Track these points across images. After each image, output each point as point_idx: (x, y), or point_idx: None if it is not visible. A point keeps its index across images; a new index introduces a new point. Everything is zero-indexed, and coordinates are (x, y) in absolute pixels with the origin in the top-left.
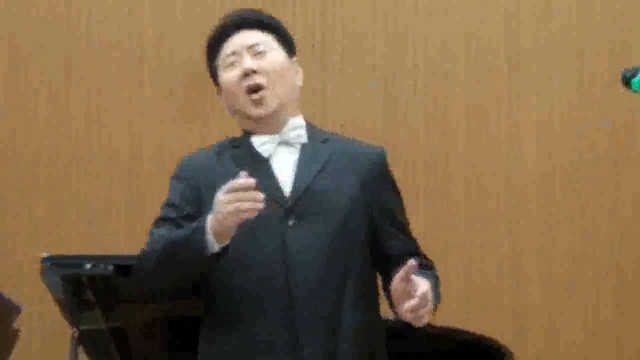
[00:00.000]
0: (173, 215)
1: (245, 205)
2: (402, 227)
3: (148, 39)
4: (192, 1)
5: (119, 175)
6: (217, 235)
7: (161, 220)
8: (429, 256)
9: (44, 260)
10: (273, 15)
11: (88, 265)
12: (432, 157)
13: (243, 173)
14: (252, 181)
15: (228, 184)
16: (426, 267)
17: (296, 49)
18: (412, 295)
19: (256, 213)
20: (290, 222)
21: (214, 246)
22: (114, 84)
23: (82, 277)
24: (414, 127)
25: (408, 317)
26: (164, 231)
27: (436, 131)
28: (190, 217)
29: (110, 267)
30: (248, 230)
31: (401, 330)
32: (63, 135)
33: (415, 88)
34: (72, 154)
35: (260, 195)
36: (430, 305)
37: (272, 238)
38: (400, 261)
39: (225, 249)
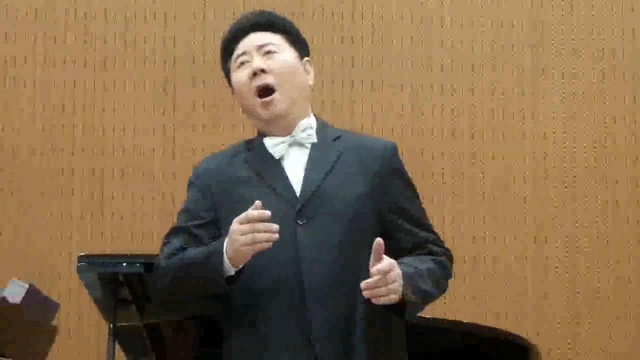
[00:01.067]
0: (188, 224)
1: (261, 236)
2: (414, 219)
3: (179, 43)
4: (222, 7)
5: (152, 175)
6: (233, 259)
7: (176, 230)
8: (452, 251)
9: (80, 259)
10: (294, 14)
11: (124, 264)
12: (458, 155)
13: (257, 203)
14: (267, 213)
15: (244, 214)
16: (433, 253)
17: (309, 49)
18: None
19: (271, 245)
20: (301, 222)
21: (230, 270)
22: (147, 86)
23: (118, 275)
24: (440, 127)
25: (365, 294)
26: (178, 243)
27: (463, 131)
28: (204, 226)
29: (145, 266)
30: None
31: (426, 327)
32: (97, 136)
33: (442, 89)
34: (106, 155)
35: (276, 227)
36: (394, 286)
37: (284, 238)
38: (411, 254)
39: (239, 272)
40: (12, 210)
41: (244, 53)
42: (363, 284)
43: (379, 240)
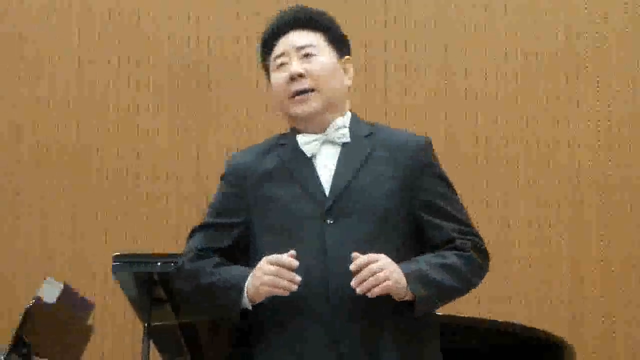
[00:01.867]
0: (215, 221)
1: (281, 283)
2: (445, 213)
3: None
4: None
5: (186, 175)
6: (250, 294)
7: (203, 226)
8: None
9: (115, 258)
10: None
11: (159, 264)
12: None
13: (291, 252)
14: (295, 263)
15: (275, 256)
16: (459, 248)
17: (349, 46)
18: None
19: (288, 294)
20: (330, 221)
21: (247, 305)
22: (179, 92)
23: (153, 275)
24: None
25: (358, 290)
26: (203, 240)
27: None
28: (231, 226)
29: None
30: (289, 230)
31: (462, 326)
32: (129, 135)
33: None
34: (138, 154)
35: (298, 278)
36: (383, 274)
37: (312, 237)
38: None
39: (255, 307)
40: (44, 210)
41: (283, 54)
42: (352, 283)
43: (354, 254)
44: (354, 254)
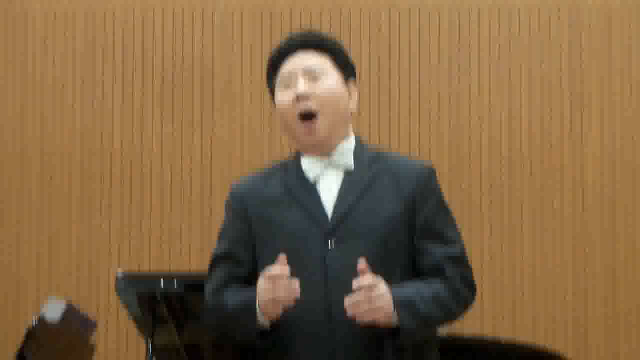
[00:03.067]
0: (227, 250)
1: (281, 294)
2: (437, 236)
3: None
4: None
5: (192, 196)
6: (264, 314)
7: (217, 259)
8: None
9: (118, 277)
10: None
11: (162, 283)
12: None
13: (282, 257)
14: (286, 271)
15: (267, 270)
16: (448, 278)
17: (355, 71)
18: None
19: (293, 301)
20: (331, 245)
21: (264, 323)
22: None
23: (156, 294)
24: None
25: (349, 313)
26: (222, 274)
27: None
28: (244, 250)
29: (184, 285)
30: (292, 253)
31: (465, 345)
32: (137, 154)
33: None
34: (146, 174)
35: (296, 284)
36: (379, 304)
37: (314, 260)
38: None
39: (276, 324)
40: (58, 224)
41: (289, 75)
42: (346, 302)
43: (361, 260)
44: (360, 265)
